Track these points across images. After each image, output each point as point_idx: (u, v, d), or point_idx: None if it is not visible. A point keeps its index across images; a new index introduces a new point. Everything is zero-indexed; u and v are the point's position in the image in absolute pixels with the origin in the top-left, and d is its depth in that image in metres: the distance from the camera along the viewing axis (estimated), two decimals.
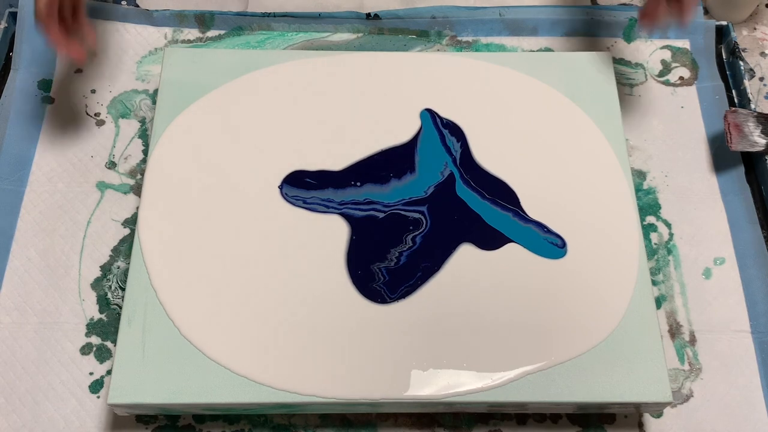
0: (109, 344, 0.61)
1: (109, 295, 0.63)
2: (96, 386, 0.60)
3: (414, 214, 0.61)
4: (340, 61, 0.69)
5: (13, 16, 0.76)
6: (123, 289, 0.64)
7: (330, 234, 0.60)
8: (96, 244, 0.66)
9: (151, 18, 0.77)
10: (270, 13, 0.77)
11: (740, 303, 0.64)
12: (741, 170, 0.70)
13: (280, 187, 0.62)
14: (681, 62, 0.77)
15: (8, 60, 0.75)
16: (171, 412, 0.56)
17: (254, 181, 0.62)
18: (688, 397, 0.60)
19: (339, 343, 0.55)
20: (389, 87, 0.68)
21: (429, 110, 0.67)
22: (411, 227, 0.60)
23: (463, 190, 0.63)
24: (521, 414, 0.59)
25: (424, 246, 0.60)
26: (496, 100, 0.68)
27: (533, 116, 0.67)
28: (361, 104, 0.67)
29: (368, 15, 0.77)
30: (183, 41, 0.77)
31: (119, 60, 0.75)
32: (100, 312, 0.63)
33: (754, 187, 0.69)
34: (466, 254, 0.60)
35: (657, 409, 0.58)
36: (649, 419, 0.59)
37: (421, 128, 0.66)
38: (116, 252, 0.66)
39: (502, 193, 0.63)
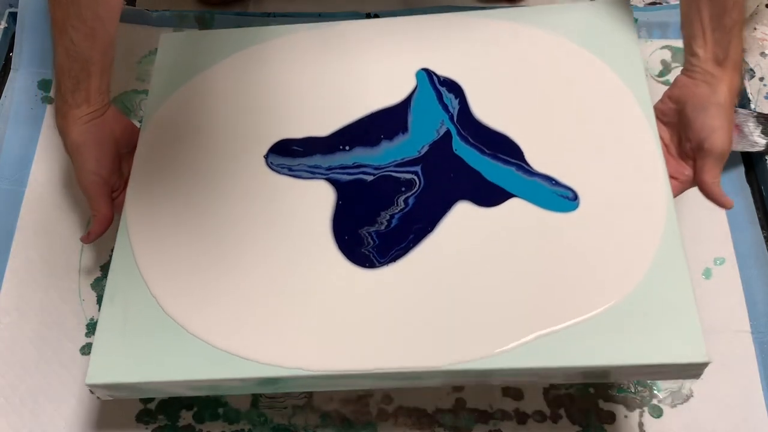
0: None
1: None
2: None
3: (406, 175, 0.58)
4: (335, 31, 0.66)
5: (13, 16, 0.76)
6: None
7: (315, 201, 0.57)
8: (96, 244, 0.66)
9: (151, 18, 0.77)
10: (270, 13, 0.77)
11: (740, 303, 0.64)
12: (741, 170, 0.70)
13: (266, 157, 0.60)
14: (681, 62, 0.76)
15: (8, 60, 0.75)
16: (154, 394, 0.54)
17: (241, 154, 0.60)
18: (688, 397, 0.60)
19: (326, 312, 0.51)
20: (385, 51, 0.64)
21: (425, 70, 0.63)
22: (403, 188, 0.57)
23: (461, 147, 0.58)
24: (521, 413, 0.59)
25: (418, 207, 0.56)
26: (500, 55, 0.62)
27: (540, 67, 0.61)
28: (356, 70, 0.64)
29: (368, 15, 0.77)
30: None
31: (119, 60, 0.75)
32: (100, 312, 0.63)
33: (754, 187, 0.69)
34: (464, 212, 0.55)
35: (693, 373, 0.50)
36: (649, 419, 0.59)
37: (415, 88, 0.62)
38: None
39: (504, 148, 0.58)
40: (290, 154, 0.59)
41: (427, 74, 0.63)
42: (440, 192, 0.56)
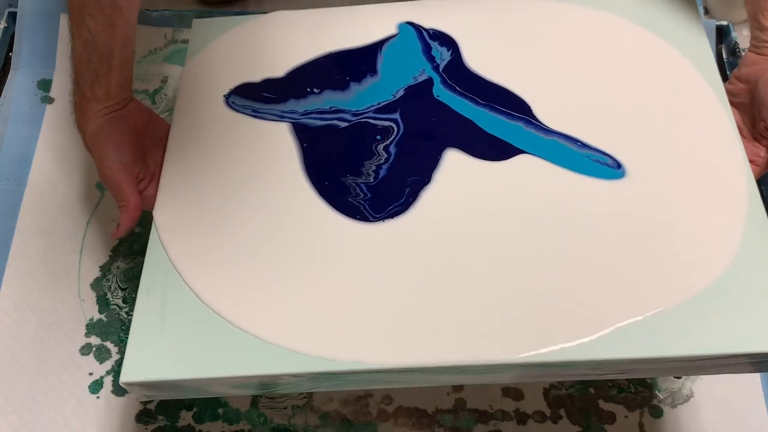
0: (108, 344, 0.61)
1: (109, 295, 0.63)
2: (95, 386, 0.60)
3: (383, 122, 0.54)
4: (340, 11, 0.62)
5: (13, 16, 0.76)
6: (123, 289, 0.64)
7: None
8: (96, 244, 0.66)
9: (150, 18, 0.77)
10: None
11: None
12: None
13: (226, 97, 0.57)
14: None
15: (8, 60, 0.75)
16: (194, 394, 0.49)
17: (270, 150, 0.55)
18: (688, 397, 0.60)
19: (379, 299, 0.46)
20: (394, 16, 0.61)
21: (411, 23, 0.60)
22: (379, 137, 0.53)
23: (444, 93, 0.55)
24: (521, 413, 0.59)
25: (402, 156, 0.52)
26: (548, 32, 0.59)
27: (592, 44, 0.57)
28: (343, 29, 0.60)
29: None
30: (183, 41, 0.77)
31: None
32: (100, 312, 0.63)
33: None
34: (463, 164, 0.51)
35: None
36: (649, 419, 0.59)
37: (392, 36, 0.59)
38: (116, 252, 0.66)
39: (507, 102, 0.54)
40: (260, 99, 0.56)
41: (414, 28, 0.60)
42: (423, 139, 0.53)
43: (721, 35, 0.78)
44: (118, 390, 0.59)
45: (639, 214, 0.48)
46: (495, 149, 0.52)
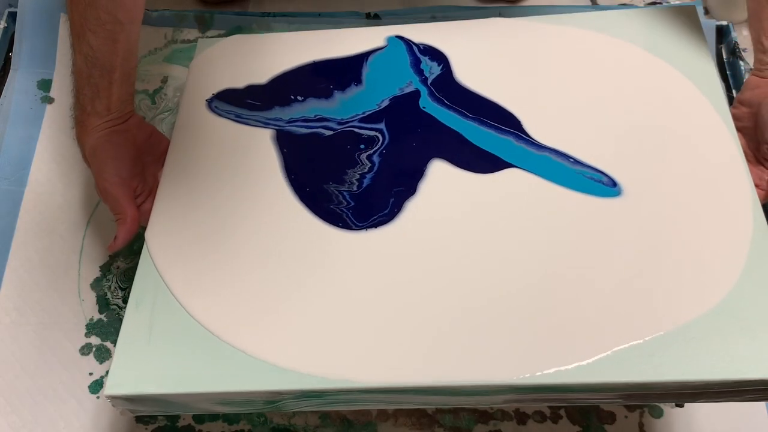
0: (108, 344, 0.61)
1: (109, 295, 0.63)
2: (96, 386, 0.60)
3: (369, 132, 0.53)
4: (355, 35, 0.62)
5: (13, 16, 0.76)
6: (123, 289, 0.64)
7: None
8: (96, 244, 0.66)
9: (150, 18, 0.77)
10: (270, 13, 0.77)
11: None
12: None
13: (209, 101, 0.57)
14: None
15: (8, 60, 0.75)
16: (179, 410, 0.48)
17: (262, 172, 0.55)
18: None
19: (369, 315, 0.45)
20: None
21: (400, 37, 0.60)
22: (362, 146, 0.53)
23: (429, 105, 0.54)
24: (521, 414, 0.59)
25: (386, 166, 0.51)
26: (549, 53, 0.58)
27: (593, 66, 0.56)
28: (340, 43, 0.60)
29: (368, 15, 0.77)
30: (183, 41, 0.77)
31: None
32: (100, 312, 0.63)
33: None
34: (451, 176, 0.50)
35: None
36: (649, 419, 0.59)
37: (379, 48, 0.59)
38: (116, 252, 0.65)
39: (495, 115, 0.53)
40: (243, 105, 0.56)
41: (404, 41, 0.60)
42: (408, 149, 0.52)
43: (721, 35, 0.78)
44: None
45: (637, 234, 0.46)
46: (483, 162, 0.51)
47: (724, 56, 0.77)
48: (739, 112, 0.53)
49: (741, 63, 0.75)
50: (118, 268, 0.65)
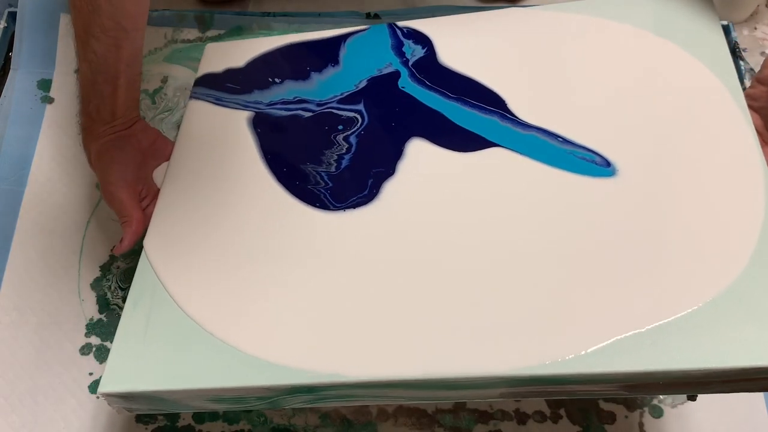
0: (108, 344, 0.61)
1: (109, 295, 0.63)
2: (95, 386, 0.60)
3: (348, 113, 0.52)
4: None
5: (13, 16, 0.76)
6: (123, 289, 0.64)
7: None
8: (95, 244, 0.66)
9: (150, 18, 0.77)
10: (270, 13, 0.77)
11: None
12: None
13: (192, 91, 0.58)
14: None
15: (8, 60, 0.75)
16: (173, 407, 0.48)
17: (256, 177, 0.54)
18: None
19: (362, 307, 0.44)
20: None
21: (387, 23, 0.59)
22: (340, 126, 0.52)
23: (409, 84, 0.53)
24: (521, 413, 0.59)
25: (364, 146, 0.50)
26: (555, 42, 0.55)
27: (598, 50, 0.53)
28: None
29: (368, 14, 0.77)
30: (183, 41, 0.77)
31: None
32: (100, 312, 0.63)
33: None
34: (433, 155, 0.49)
35: None
36: (649, 419, 0.59)
37: (359, 30, 0.58)
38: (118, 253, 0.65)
39: (478, 95, 0.51)
40: (223, 89, 0.57)
41: (388, 25, 0.59)
42: (386, 129, 0.51)
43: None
44: None
45: (636, 216, 0.44)
46: (465, 141, 0.49)
47: None
48: (756, 91, 0.51)
49: (741, 63, 0.74)
50: (118, 268, 0.65)
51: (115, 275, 0.64)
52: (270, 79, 0.55)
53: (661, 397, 0.60)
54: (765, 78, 0.51)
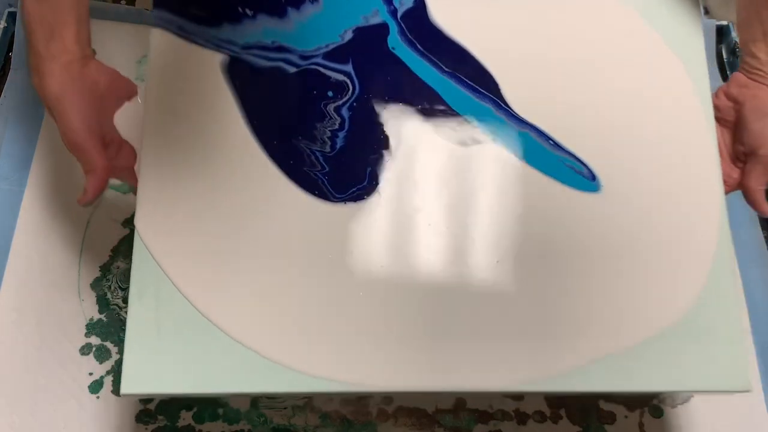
0: (108, 344, 0.61)
1: (109, 295, 0.63)
2: (95, 386, 0.60)
3: (337, 76, 0.49)
4: None
5: (13, 16, 0.76)
6: (123, 289, 0.64)
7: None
8: (96, 244, 0.66)
9: (150, 18, 0.77)
10: None
11: (741, 303, 0.64)
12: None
13: (152, 14, 0.52)
14: None
15: (8, 60, 0.75)
16: (190, 396, 0.49)
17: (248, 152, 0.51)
18: (688, 398, 0.60)
19: (377, 319, 0.46)
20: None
21: None
22: (330, 93, 0.49)
23: (400, 46, 0.50)
24: (521, 413, 0.59)
25: (357, 122, 0.49)
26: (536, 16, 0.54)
27: (577, 21, 0.53)
28: None
29: None
30: None
31: (118, 60, 0.75)
32: (100, 312, 0.63)
33: None
34: (425, 140, 0.49)
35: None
36: (649, 419, 0.59)
37: None
38: (116, 252, 0.65)
39: (471, 73, 0.50)
40: (187, 16, 0.52)
41: None
42: (380, 106, 0.49)
43: (721, 35, 0.78)
44: (118, 390, 0.59)
45: (611, 238, 0.47)
46: (460, 130, 0.49)
47: (724, 56, 0.77)
48: (722, 104, 0.53)
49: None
50: (118, 268, 0.65)
51: (115, 275, 0.64)
52: (240, 10, 0.50)
53: (661, 396, 0.60)
54: (732, 94, 0.53)
